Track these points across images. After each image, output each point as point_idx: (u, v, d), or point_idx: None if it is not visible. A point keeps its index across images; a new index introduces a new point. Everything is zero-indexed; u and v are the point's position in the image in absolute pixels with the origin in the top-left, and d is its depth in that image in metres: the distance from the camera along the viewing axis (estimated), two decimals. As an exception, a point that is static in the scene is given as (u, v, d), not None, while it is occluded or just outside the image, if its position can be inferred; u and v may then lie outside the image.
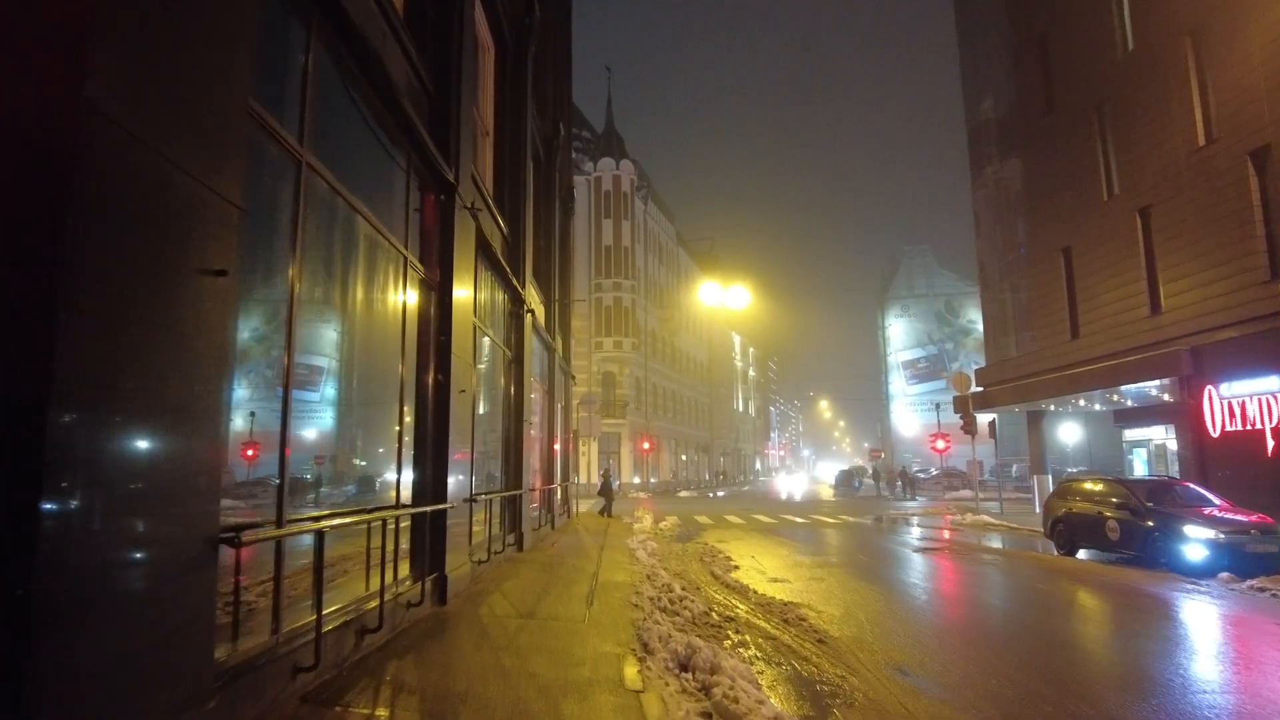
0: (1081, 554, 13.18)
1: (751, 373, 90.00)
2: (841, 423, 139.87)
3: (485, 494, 10.21)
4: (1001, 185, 24.35)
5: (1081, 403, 21.89)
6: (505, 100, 13.33)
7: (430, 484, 7.20)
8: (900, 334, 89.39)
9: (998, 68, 24.30)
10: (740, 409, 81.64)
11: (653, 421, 48.07)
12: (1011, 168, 23.91)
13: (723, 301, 24.32)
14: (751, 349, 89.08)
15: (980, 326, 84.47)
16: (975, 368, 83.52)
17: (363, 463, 7.39)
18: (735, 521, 21.74)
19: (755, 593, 9.21)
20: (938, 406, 45.83)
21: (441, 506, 7.06)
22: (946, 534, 18.06)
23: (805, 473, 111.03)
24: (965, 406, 23.14)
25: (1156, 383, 17.74)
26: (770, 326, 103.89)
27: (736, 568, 11.53)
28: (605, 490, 23.06)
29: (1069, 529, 13.17)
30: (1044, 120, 20.87)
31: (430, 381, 7.32)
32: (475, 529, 9.40)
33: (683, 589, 9.02)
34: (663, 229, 54.07)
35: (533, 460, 14.78)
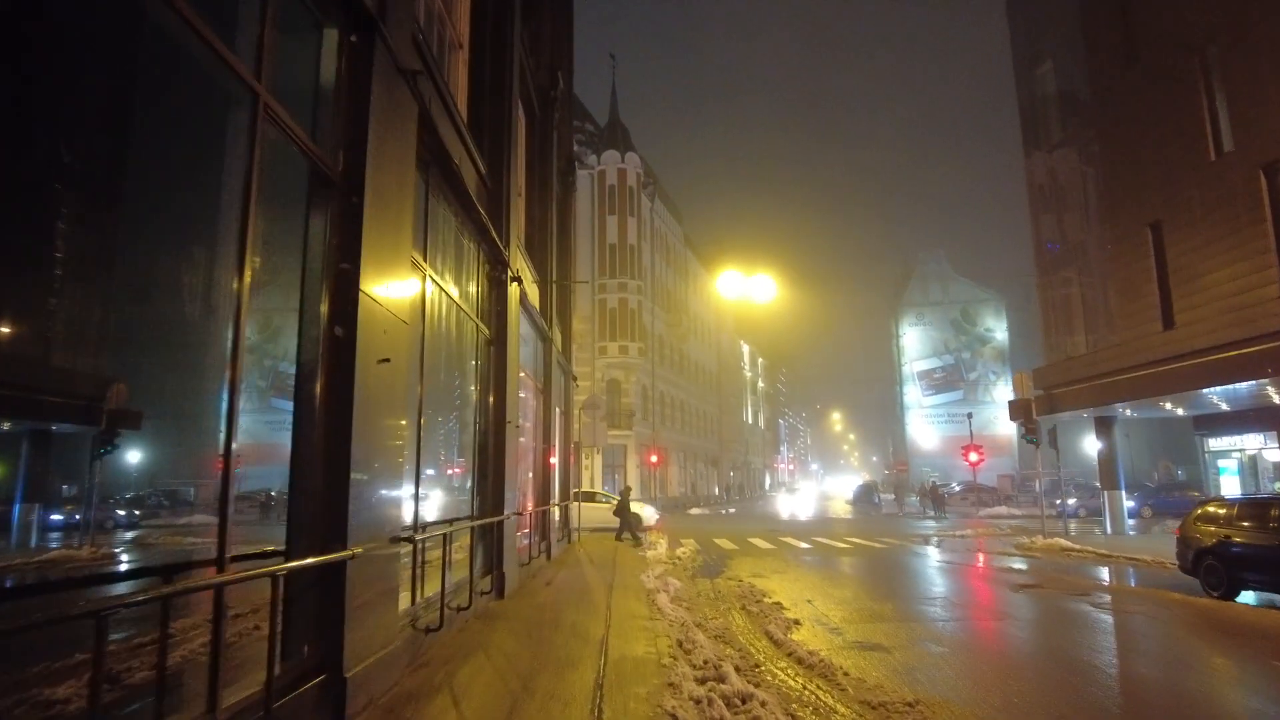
0: (1247, 596, 10.02)
1: (761, 383, 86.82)
2: (852, 436, 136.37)
3: (445, 524, 7.12)
4: (1063, 161, 21.34)
5: (1168, 405, 18.75)
6: (484, 8, 10.36)
7: (316, 517, 4.11)
8: (915, 343, 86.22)
9: (1057, 30, 21.35)
10: (749, 421, 78.39)
11: (660, 433, 44.89)
12: (1075, 139, 20.90)
13: (745, 293, 21.18)
14: (761, 359, 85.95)
15: (999, 335, 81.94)
16: (992, 375, 78.63)
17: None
18: (763, 546, 18.56)
19: (850, 676, 6.06)
20: (970, 416, 42.72)
21: (334, 557, 3.97)
22: (1031, 565, 14.85)
23: (816, 487, 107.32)
24: (1027, 411, 19.96)
25: (1248, 384, 14.67)
26: (780, 335, 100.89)
27: (797, 623, 8.37)
28: (623, 511, 19.51)
29: (1227, 564, 9.99)
30: (1124, 76, 17.88)
31: (318, 337, 4.26)
32: (425, 577, 6.32)
33: (737, 670, 5.89)
34: (670, 229, 51.15)
35: (522, 475, 11.69)
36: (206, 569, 3.22)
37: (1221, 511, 10.54)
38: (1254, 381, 14.55)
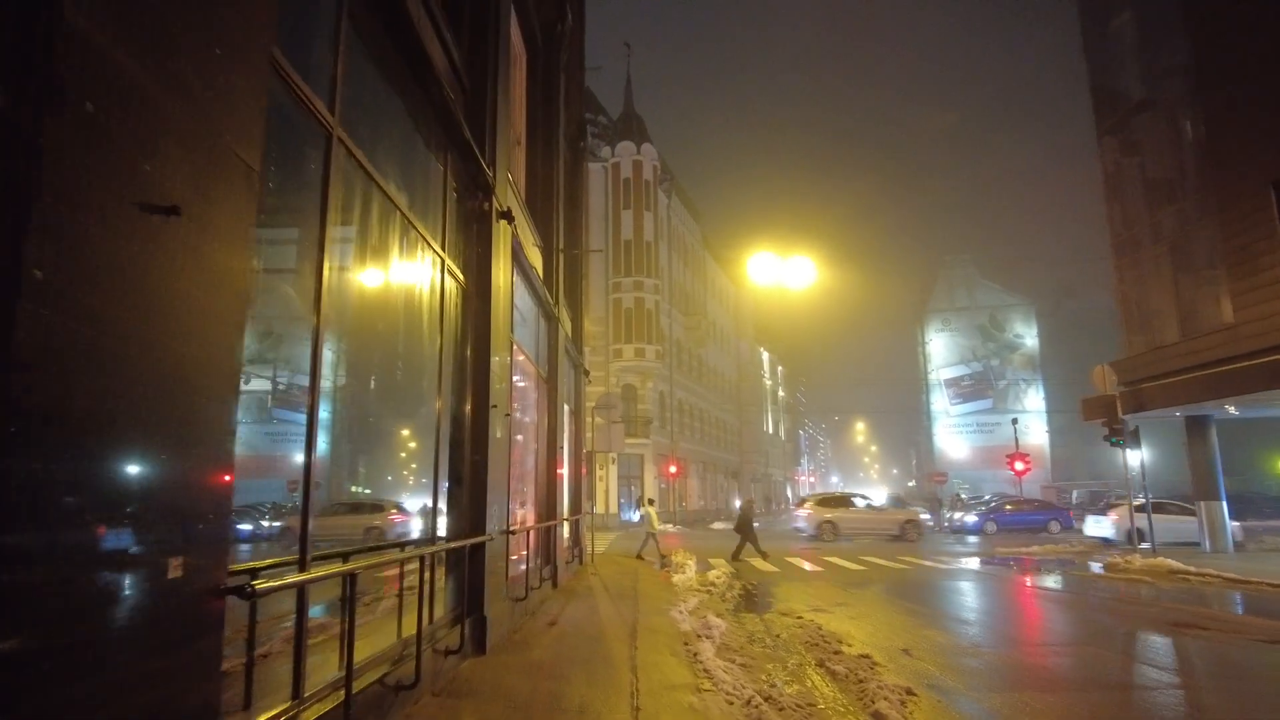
0: None
1: (781, 392, 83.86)
2: (873, 448, 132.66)
3: (374, 553, 4.58)
4: (1146, 121, 18.61)
5: (1286, 401, 15.89)
6: None
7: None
8: (941, 350, 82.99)
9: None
10: (770, 431, 75.38)
11: (679, 442, 42.19)
12: (1164, 96, 18.19)
13: (779, 278, 18.61)
14: (780, 367, 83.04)
15: (1029, 341, 78.78)
16: (1022, 382, 75.31)
17: None
18: (807, 568, 15.83)
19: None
20: (1015, 422, 39.77)
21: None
22: (1150, 594, 12.07)
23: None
24: (1110, 409, 17.13)
25: None
26: (800, 343, 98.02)
27: (910, 694, 5.68)
28: (744, 527, 17.14)
29: None
30: (1235, 8, 15.19)
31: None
32: (351, 640, 3.78)
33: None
34: (688, 229, 48.70)
35: (518, 482, 9.14)
36: None
37: None
38: None
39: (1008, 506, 30.37)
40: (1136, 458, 52.12)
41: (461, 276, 6.36)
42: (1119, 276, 19.53)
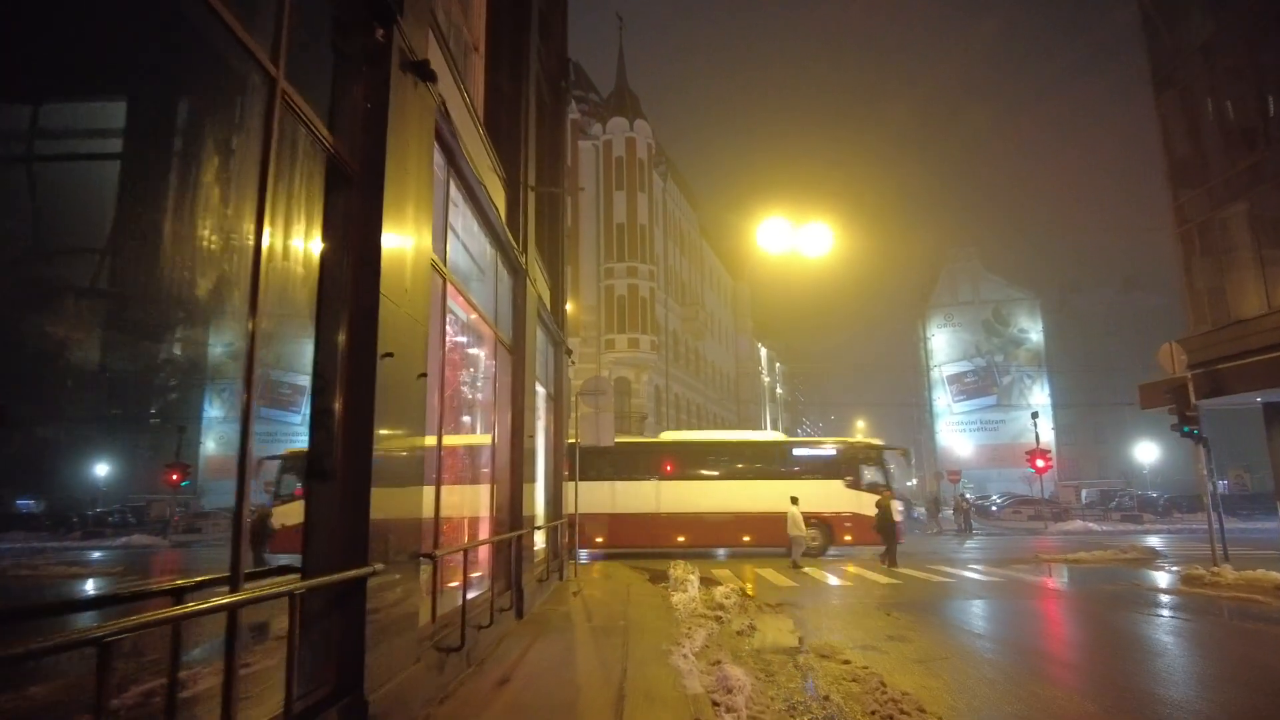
0: None
1: (779, 389, 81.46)
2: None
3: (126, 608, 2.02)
4: (1215, 62, 16.17)
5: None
6: None
7: None
8: (943, 346, 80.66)
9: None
10: (768, 429, 72.91)
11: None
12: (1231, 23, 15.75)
13: (794, 246, 16.06)
14: (779, 364, 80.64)
15: (1034, 336, 76.48)
16: (1027, 379, 72.56)
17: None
18: (833, 583, 13.35)
19: None
20: (1034, 416, 37.43)
21: None
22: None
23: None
24: (1182, 395, 14.64)
25: None
26: (798, 339, 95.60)
27: None
28: (884, 526, 15.32)
29: None
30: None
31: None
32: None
33: None
34: (684, 215, 46.16)
35: (450, 472, 6.64)
36: None
37: None
38: None
39: None
40: (1149, 453, 49.37)
41: (329, 135, 3.83)
42: (1183, 247, 17.07)
